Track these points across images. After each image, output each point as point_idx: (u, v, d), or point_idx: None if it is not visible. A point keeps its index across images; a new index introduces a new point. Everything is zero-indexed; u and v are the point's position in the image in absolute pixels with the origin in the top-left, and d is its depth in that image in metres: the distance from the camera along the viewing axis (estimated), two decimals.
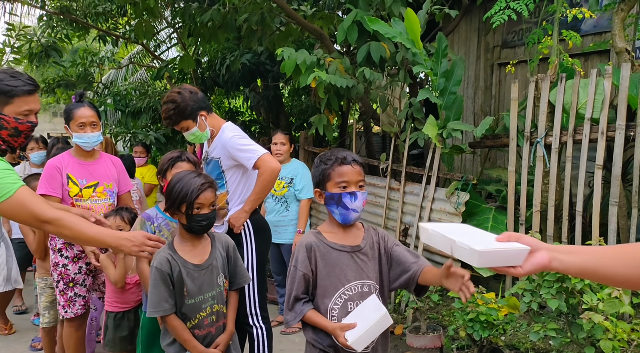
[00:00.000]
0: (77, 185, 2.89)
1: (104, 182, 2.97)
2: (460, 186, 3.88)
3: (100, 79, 9.60)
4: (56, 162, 2.91)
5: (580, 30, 4.73)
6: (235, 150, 2.68)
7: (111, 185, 3.01)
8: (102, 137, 2.96)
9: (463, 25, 5.90)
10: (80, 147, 2.90)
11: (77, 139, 2.86)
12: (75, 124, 2.85)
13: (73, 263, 2.96)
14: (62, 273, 2.94)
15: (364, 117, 6.23)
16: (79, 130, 2.85)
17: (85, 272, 3.00)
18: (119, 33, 7.56)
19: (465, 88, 5.96)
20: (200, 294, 2.07)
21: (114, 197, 3.02)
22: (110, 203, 2.99)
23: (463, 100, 4.10)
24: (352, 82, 4.06)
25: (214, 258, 2.13)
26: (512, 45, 5.65)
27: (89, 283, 3.04)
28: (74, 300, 2.94)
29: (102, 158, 3.06)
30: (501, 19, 3.34)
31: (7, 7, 6.82)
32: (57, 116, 26.54)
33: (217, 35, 5.93)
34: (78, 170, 2.91)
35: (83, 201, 2.90)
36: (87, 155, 2.95)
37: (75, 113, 2.86)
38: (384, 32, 3.85)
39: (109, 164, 3.07)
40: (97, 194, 2.92)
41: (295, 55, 4.07)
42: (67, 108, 2.92)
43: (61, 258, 2.95)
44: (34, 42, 6.93)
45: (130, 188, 3.17)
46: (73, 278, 2.95)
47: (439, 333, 3.44)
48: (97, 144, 2.94)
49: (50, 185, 2.84)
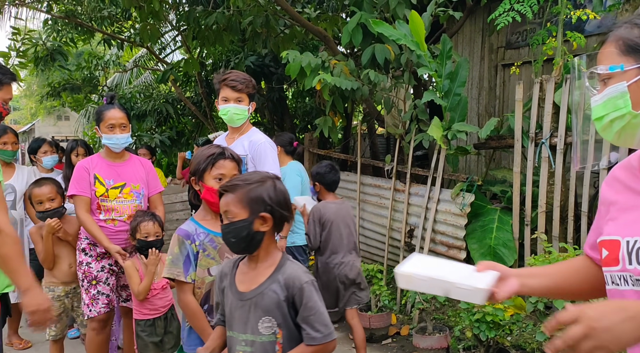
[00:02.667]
0: (104, 186, 2.94)
1: (131, 183, 3.00)
2: (466, 187, 3.89)
3: (105, 82, 9.64)
4: (85, 163, 3.00)
5: (585, 31, 4.74)
6: (263, 154, 2.73)
7: (138, 187, 3.03)
8: (131, 138, 3.01)
9: (467, 26, 5.91)
10: (110, 148, 2.96)
11: (106, 140, 2.92)
12: (105, 125, 2.91)
13: (96, 262, 3.00)
14: (85, 271, 2.98)
15: (367, 119, 6.25)
16: (109, 132, 2.91)
17: (109, 271, 3.03)
18: (123, 36, 7.60)
19: (470, 89, 5.97)
20: (231, 329, 1.57)
21: (141, 198, 3.03)
22: (137, 204, 3.01)
23: (467, 102, 4.11)
24: (356, 84, 4.08)
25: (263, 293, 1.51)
26: (516, 46, 5.66)
27: (112, 283, 3.04)
28: (97, 298, 2.95)
29: (131, 159, 3.10)
30: (505, 20, 3.36)
31: (12, 12, 6.88)
32: (62, 119, 26.67)
33: (222, 38, 5.96)
34: (106, 171, 2.96)
35: (109, 201, 2.94)
36: (115, 157, 3.01)
37: (106, 115, 2.93)
38: (388, 35, 3.87)
39: (138, 165, 3.10)
40: (123, 195, 2.96)
41: (300, 58, 4.09)
42: (98, 110, 3.02)
43: (85, 257, 3.00)
44: (39, 45, 6.97)
45: (161, 190, 3.18)
46: (96, 276, 2.98)
47: (445, 334, 3.44)
48: (126, 145, 2.99)
49: (79, 186, 2.92)
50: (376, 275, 4.05)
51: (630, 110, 0.97)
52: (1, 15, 6.52)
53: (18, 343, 3.90)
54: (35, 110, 27.67)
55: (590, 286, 1.19)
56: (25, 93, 26.46)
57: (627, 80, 0.98)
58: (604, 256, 1.06)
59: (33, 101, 25.75)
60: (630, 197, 1.05)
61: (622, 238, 1.02)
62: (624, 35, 1.00)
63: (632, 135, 0.99)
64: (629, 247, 1.01)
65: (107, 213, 2.96)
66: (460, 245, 3.92)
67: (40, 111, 24.27)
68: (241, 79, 2.76)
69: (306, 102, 9.07)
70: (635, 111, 0.97)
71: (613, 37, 1.03)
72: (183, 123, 8.78)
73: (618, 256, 1.02)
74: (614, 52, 1.01)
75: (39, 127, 26.03)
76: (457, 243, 3.95)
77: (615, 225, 1.06)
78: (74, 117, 18.04)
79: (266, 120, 8.18)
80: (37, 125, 26.08)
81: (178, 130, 8.51)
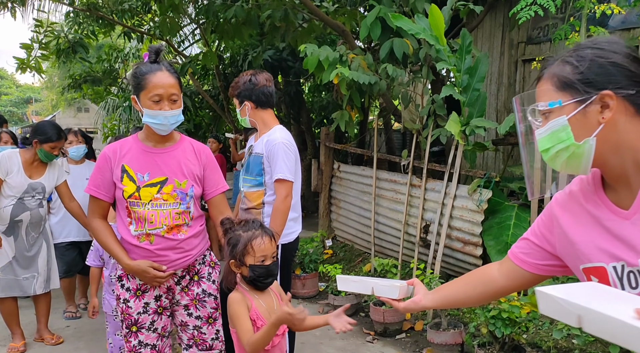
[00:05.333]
0: (134, 182, 2.03)
1: (174, 178, 2.07)
2: (483, 183, 3.86)
3: (124, 75, 9.76)
4: (111, 149, 2.09)
5: (608, 26, 4.64)
6: (275, 154, 2.61)
7: (185, 184, 2.08)
8: (182, 116, 2.07)
9: (487, 21, 5.83)
10: (153, 129, 2.03)
11: (149, 118, 1.99)
12: (148, 95, 1.97)
13: (136, 298, 2.11)
14: (123, 311, 2.13)
15: (384, 114, 6.22)
16: (153, 106, 1.98)
17: (155, 310, 2.14)
18: (143, 29, 7.68)
19: (489, 85, 5.90)
20: None
21: (188, 202, 2.09)
22: (181, 210, 2.07)
23: (487, 97, 4.07)
24: (374, 79, 4.07)
25: None
26: (537, 41, 5.57)
27: (161, 327, 2.16)
28: (138, 352, 2.12)
29: (180, 144, 2.13)
30: (528, 14, 3.31)
31: (35, 4, 7.00)
32: (82, 111, 27.09)
33: (241, 32, 5.99)
34: (139, 160, 2.05)
35: (141, 206, 2.03)
36: (158, 140, 2.08)
37: (150, 80, 1.97)
38: (407, 29, 3.84)
39: (189, 152, 2.13)
40: (162, 196, 2.04)
41: (318, 52, 4.09)
42: (138, 71, 2.01)
43: (122, 290, 2.13)
44: (61, 38, 7.08)
45: (225, 189, 2.25)
46: (136, 320, 2.11)
47: (460, 330, 3.44)
48: (176, 125, 2.05)
49: (95, 183, 2.09)
50: (391, 270, 4.05)
51: (573, 142, 1.05)
52: (24, 8, 6.63)
53: (50, 339, 3.77)
54: (56, 101, 28.15)
55: (486, 293, 1.38)
56: (47, 85, 26.92)
57: (567, 114, 1.06)
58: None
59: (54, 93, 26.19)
60: (591, 221, 1.12)
61: (607, 264, 1.07)
62: (557, 72, 1.09)
63: (577, 164, 1.07)
64: (617, 273, 1.06)
65: (138, 225, 2.04)
66: (477, 242, 3.90)
67: (61, 103, 24.69)
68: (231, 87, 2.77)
69: (322, 96, 9.07)
70: (578, 142, 1.05)
71: (547, 74, 1.11)
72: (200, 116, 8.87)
73: (609, 282, 1.07)
74: (551, 89, 1.09)
75: (60, 118, 26.48)
76: (474, 240, 3.93)
77: (589, 251, 1.11)
78: (94, 109, 18.30)
79: (283, 114, 8.21)
80: (58, 117, 26.54)
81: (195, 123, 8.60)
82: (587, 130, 1.04)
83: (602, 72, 1.04)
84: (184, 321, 2.19)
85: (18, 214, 3.51)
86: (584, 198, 1.15)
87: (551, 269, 1.26)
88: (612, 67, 1.04)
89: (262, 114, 2.78)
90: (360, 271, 4.98)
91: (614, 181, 1.09)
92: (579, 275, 1.17)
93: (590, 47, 1.07)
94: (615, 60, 1.04)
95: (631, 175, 1.05)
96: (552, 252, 1.24)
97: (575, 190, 1.19)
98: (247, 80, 2.73)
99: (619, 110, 1.03)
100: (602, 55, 1.05)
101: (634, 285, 1.04)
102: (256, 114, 2.77)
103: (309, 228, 6.63)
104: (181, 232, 2.08)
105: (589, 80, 1.04)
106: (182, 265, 2.13)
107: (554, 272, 1.27)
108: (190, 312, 2.19)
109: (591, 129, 1.04)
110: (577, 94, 1.05)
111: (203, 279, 2.21)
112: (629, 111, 1.03)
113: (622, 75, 1.03)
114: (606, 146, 1.04)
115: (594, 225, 1.11)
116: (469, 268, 4.07)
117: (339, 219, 5.69)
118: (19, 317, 3.74)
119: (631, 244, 1.04)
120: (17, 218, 3.51)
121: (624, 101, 1.03)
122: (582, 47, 1.09)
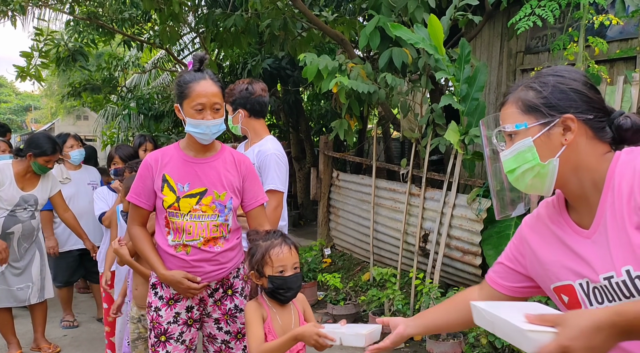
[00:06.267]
0: (174, 192, 2.01)
1: (213, 189, 2.03)
2: (482, 193, 3.86)
3: (124, 83, 9.79)
4: (153, 157, 2.07)
5: (606, 36, 4.67)
6: (267, 165, 2.58)
7: (223, 196, 2.04)
8: (224, 125, 2.06)
9: (486, 30, 5.86)
10: (195, 138, 2.01)
11: (192, 127, 1.98)
12: (192, 104, 1.96)
13: (168, 308, 2.07)
14: (153, 319, 2.09)
15: (383, 122, 6.23)
16: (196, 115, 1.96)
17: (185, 321, 2.09)
18: (143, 38, 7.70)
19: (487, 94, 5.92)
20: None
21: (226, 214, 2.05)
22: (219, 223, 2.04)
23: (486, 106, 4.08)
24: (373, 88, 4.07)
25: None
26: (535, 51, 5.60)
27: (189, 339, 2.11)
28: None
29: (221, 154, 2.10)
30: (526, 25, 3.32)
31: (35, 13, 7.02)
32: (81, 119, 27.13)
33: (240, 41, 6.01)
34: (180, 170, 2.03)
35: (180, 217, 2.00)
36: (199, 150, 2.06)
37: (194, 89, 1.96)
38: (406, 38, 3.85)
39: (229, 163, 2.10)
40: (201, 208, 2.00)
41: (318, 61, 4.10)
42: (182, 80, 2.01)
43: (154, 298, 2.10)
44: (61, 46, 7.10)
45: (264, 201, 2.19)
46: (166, 330, 2.06)
47: (460, 340, 3.41)
48: (219, 134, 2.04)
49: (137, 191, 2.06)
50: (390, 279, 4.03)
51: (539, 162, 1.11)
52: (25, 16, 6.65)
53: (47, 348, 3.74)
54: (55, 109, 28.19)
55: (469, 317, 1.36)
56: (46, 93, 26.97)
57: (532, 136, 1.12)
58: (567, 301, 1.15)
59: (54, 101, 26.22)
60: (556, 242, 1.17)
61: (574, 282, 1.12)
62: (522, 97, 1.15)
63: (542, 184, 1.13)
64: (584, 289, 1.11)
65: (176, 235, 2.02)
66: (476, 251, 3.88)
67: (60, 110, 24.72)
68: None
69: (321, 105, 9.10)
70: (543, 162, 1.11)
71: (512, 98, 1.17)
72: None
73: (578, 300, 1.12)
74: (516, 112, 1.15)
75: (59, 126, 26.51)
76: (473, 249, 3.91)
77: (557, 270, 1.16)
78: (93, 117, 18.31)
79: (282, 122, 8.23)
80: (57, 125, 26.58)
81: None
82: (551, 151, 1.11)
83: (564, 97, 1.11)
84: (212, 333, 2.17)
85: (9, 226, 3.48)
86: (549, 219, 1.21)
87: (526, 291, 1.31)
88: (572, 93, 1.11)
89: (255, 123, 2.77)
90: (360, 280, 4.95)
91: (575, 201, 1.15)
92: (551, 295, 1.21)
93: (551, 75, 1.14)
94: (574, 86, 1.11)
95: (590, 195, 1.11)
96: (525, 274, 1.28)
97: (542, 212, 1.24)
98: (244, 88, 2.72)
99: (579, 132, 1.10)
100: (563, 82, 1.12)
101: (600, 301, 1.08)
102: (249, 123, 2.75)
103: (308, 237, 6.62)
104: (218, 245, 2.05)
105: (552, 104, 1.11)
106: (217, 277, 2.09)
107: (529, 293, 1.32)
108: (221, 326, 2.17)
109: (554, 150, 1.10)
110: (541, 117, 1.11)
111: (236, 294, 2.18)
112: (588, 134, 1.10)
113: (581, 101, 1.10)
114: (567, 166, 1.10)
115: (559, 245, 1.16)
116: (468, 278, 4.05)
117: (337, 228, 5.67)
118: (15, 326, 3.70)
119: (592, 262, 1.08)
120: (8, 230, 3.48)
121: (584, 124, 1.10)
122: (544, 74, 1.16)
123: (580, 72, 1.15)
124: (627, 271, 1.01)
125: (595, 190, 1.09)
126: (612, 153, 1.11)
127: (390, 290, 3.89)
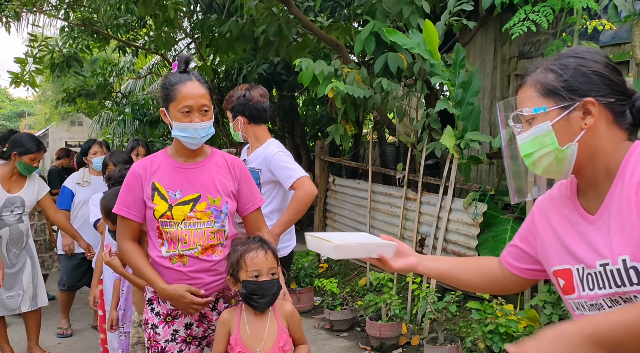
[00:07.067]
0: (166, 200, 1.90)
1: (208, 194, 1.93)
2: (478, 197, 3.87)
3: (119, 89, 9.77)
4: (141, 165, 1.95)
5: (599, 41, 4.71)
6: (276, 167, 2.60)
7: (218, 201, 1.94)
8: (213, 128, 1.95)
9: (479, 36, 5.90)
10: (183, 143, 1.90)
11: (179, 131, 1.87)
12: (178, 107, 1.85)
13: (165, 325, 1.97)
14: (151, 337, 1.98)
15: (378, 127, 6.25)
16: (183, 119, 1.85)
17: (184, 339, 1.98)
18: (138, 44, 7.70)
19: (482, 99, 5.95)
20: None
21: (222, 219, 1.95)
22: (215, 229, 1.93)
23: (480, 111, 4.10)
24: (369, 93, 4.09)
25: None
26: (529, 56, 5.64)
27: None
28: None
29: (211, 158, 1.99)
30: (520, 30, 3.35)
31: (30, 19, 7.01)
32: (75, 125, 27.02)
33: (235, 46, 6.02)
34: (171, 177, 1.93)
35: (174, 226, 1.89)
36: (189, 155, 1.95)
37: (180, 91, 1.85)
38: (401, 43, 3.87)
39: (222, 166, 1.99)
40: (195, 215, 1.90)
41: (313, 66, 4.11)
42: (168, 82, 1.90)
43: (151, 315, 2.00)
44: (55, 52, 7.09)
45: (262, 204, 2.11)
46: (163, 349, 1.96)
47: (457, 345, 3.41)
48: (208, 138, 1.94)
49: (125, 203, 1.93)
50: (387, 284, 4.02)
51: (557, 147, 1.08)
52: (19, 22, 6.64)
53: None
54: (49, 115, 28.05)
55: (487, 283, 1.38)
56: (40, 98, 26.84)
57: (551, 120, 1.09)
58: (562, 285, 1.15)
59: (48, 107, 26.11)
60: (565, 224, 1.16)
61: (573, 267, 1.12)
62: (541, 79, 1.11)
63: (559, 168, 1.11)
64: (579, 275, 1.11)
65: (170, 246, 1.91)
66: (473, 255, 3.89)
67: (55, 116, 24.60)
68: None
69: (317, 110, 9.11)
70: (561, 147, 1.08)
71: (531, 81, 1.13)
72: None
73: (573, 284, 1.12)
74: (534, 95, 1.12)
75: (53, 132, 26.38)
76: (469, 253, 3.92)
77: (560, 253, 1.16)
78: (87, 123, 18.25)
79: (277, 127, 8.23)
80: (51, 131, 26.44)
81: None
82: (569, 135, 1.08)
83: (585, 80, 1.07)
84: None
85: None
86: (560, 202, 1.20)
87: (534, 273, 1.30)
88: (594, 75, 1.07)
89: (255, 129, 2.75)
90: (356, 285, 4.94)
91: (586, 187, 1.14)
92: (552, 278, 1.21)
93: (572, 56, 1.10)
94: (596, 69, 1.08)
95: (601, 183, 1.10)
96: (534, 256, 1.28)
97: (555, 194, 1.23)
98: (242, 95, 2.70)
99: (599, 117, 1.06)
100: (584, 64, 1.08)
101: (591, 287, 1.08)
102: (248, 129, 2.74)
103: (304, 242, 6.59)
104: (216, 253, 1.94)
105: (572, 87, 1.07)
106: (217, 288, 1.97)
107: (537, 276, 1.31)
108: None
109: (573, 135, 1.07)
110: (561, 100, 1.08)
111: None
112: (608, 118, 1.07)
113: (603, 84, 1.07)
114: (585, 152, 1.08)
115: (567, 228, 1.16)
116: None
117: None
118: (9, 334, 3.66)
119: (592, 247, 1.08)
120: None
121: (604, 108, 1.07)
122: (565, 56, 1.12)
123: (601, 53, 1.11)
124: (623, 260, 1.02)
125: (607, 178, 1.08)
126: (630, 142, 1.08)
127: (387, 295, 3.88)
